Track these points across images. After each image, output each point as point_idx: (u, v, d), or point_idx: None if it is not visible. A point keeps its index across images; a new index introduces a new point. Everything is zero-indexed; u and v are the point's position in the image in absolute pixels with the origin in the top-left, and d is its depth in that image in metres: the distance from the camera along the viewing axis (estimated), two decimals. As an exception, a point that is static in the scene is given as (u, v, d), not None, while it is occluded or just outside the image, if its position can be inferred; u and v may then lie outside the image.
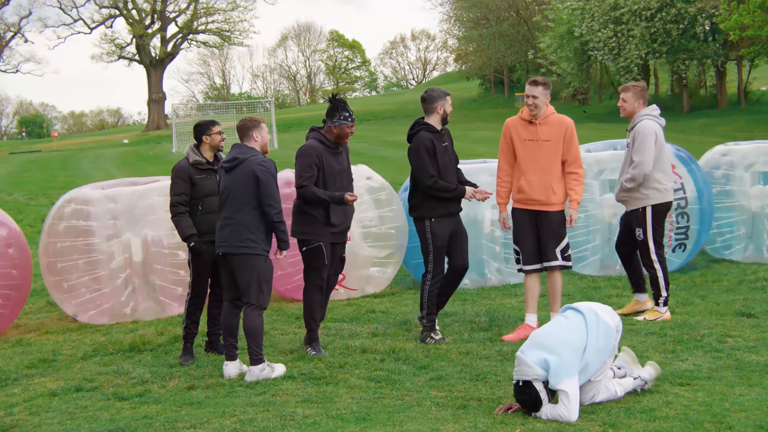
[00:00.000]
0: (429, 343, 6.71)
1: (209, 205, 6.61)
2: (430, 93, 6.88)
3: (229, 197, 6.08)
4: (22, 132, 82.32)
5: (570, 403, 4.79)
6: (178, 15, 61.79)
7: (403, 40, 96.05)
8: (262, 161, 6.06)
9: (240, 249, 6.01)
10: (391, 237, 8.89)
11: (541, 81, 6.87)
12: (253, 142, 6.22)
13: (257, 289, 6.04)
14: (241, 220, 6.01)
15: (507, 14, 53.95)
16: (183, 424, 5.00)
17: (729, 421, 4.64)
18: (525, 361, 4.92)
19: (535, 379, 4.87)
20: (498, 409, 5.05)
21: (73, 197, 8.23)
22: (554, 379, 4.85)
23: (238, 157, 6.08)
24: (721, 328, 6.82)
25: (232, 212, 6.05)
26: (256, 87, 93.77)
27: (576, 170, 6.87)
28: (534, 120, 6.83)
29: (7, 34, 62.20)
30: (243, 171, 6.03)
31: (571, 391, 4.81)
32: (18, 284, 7.86)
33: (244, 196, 6.01)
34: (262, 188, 5.98)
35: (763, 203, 9.52)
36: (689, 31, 36.00)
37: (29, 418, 5.37)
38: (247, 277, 6.02)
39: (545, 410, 4.86)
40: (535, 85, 6.83)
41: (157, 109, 59.88)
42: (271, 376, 5.98)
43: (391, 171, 18.00)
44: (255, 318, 6.02)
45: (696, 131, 31.66)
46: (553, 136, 6.81)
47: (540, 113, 6.83)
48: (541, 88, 6.81)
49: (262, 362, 6.01)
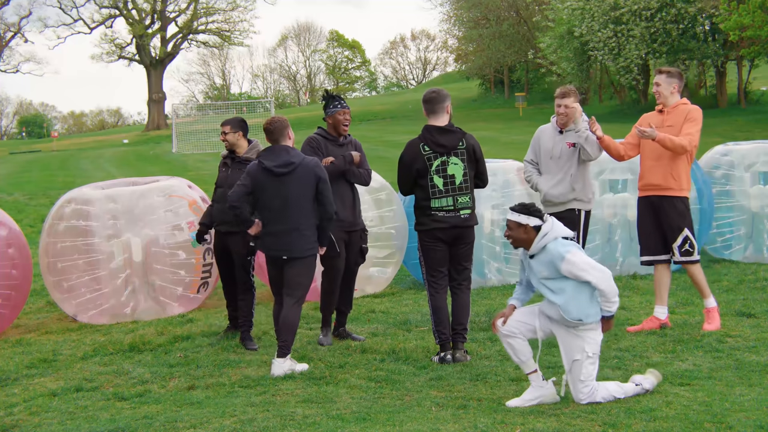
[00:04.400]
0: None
1: (218, 196, 7.07)
2: (438, 92, 6.35)
3: (292, 203, 6.09)
4: (22, 132, 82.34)
5: (594, 268, 5.05)
6: (178, 15, 61.85)
7: (403, 40, 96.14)
8: (317, 162, 6.24)
9: (305, 253, 6.19)
10: (391, 237, 8.89)
11: (665, 70, 6.97)
12: (289, 140, 6.33)
13: (305, 284, 6.27)
14: (307, 224, 6.16)
15: (507, 14, 53.96)
16: (183, 424, 4.99)
17: (729, 421, 4.64)
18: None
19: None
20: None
21: (73, 197, 8.23)
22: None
23: (294, 161, 6.11)
24: (721, 328, 6.82)
25: (299, 217, 6.12)
26: (256, 87, 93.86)
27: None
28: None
29: (7, 34, 62.29)
30: (303, 174, 6.10)
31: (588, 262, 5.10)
32: (18, 284, 7.86)
33: (307, 200, 6.14)
34: (324, 188, 6.15)
35: (763, 203, 9.51)
36: (689, 31, 36.00)
37: (29, 418, 5.37)
38: (302, 276, 6.23)
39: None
40: (659, 73, 6.97)
41: (157, 109, 59.91)
42: (296, 369, 6.14)
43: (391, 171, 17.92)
44: (296, 313, 6.22)
45: (696, 131, 31.63)
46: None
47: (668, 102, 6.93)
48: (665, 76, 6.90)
49: (287, 356, 6.16)
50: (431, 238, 6.28)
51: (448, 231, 6.25)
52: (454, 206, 6.23)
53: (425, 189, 6.25)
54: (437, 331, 6.27)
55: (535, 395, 5.21)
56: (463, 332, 6.31)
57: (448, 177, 6.23)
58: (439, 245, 6.27)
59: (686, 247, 6.88)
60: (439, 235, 6.25)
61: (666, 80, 6.87)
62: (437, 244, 6.27)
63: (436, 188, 6.22)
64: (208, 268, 8.27)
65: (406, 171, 6.34)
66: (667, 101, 6.90)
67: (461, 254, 6.35)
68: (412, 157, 6.28)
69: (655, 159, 6.86)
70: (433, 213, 6.23)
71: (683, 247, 6.87)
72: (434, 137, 6.27)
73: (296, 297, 6.21)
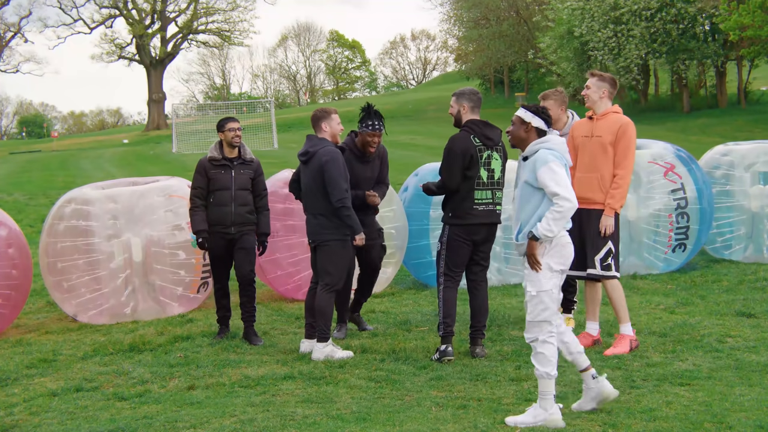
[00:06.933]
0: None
1: (220, 198, 7.07)
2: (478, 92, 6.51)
3: (308, 190, 6.57)
4: (22, 132, 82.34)
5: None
6: (178, 15, 61.80)
7: (403, 40, 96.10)
8: (326, 152, 6.44)
9: (322, 237, 6.50)
10: (391, 237, 8.88)
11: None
12: (323, 132, 6.64)
13: (331, 271, 6.49)
14: (322, 210, 6.47)
15: (507, 14, 53.96)
16: (183, 424, 5.00)
17: (729, 421, 4.64)
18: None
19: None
20: None
21: (73, 197, 8.23)
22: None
23: (309, 151, 6.54)
24: (721, 328, 6.82)
25: (312, 204, 6.54)
26: (256, 87, 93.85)
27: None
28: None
29: (7, 34, 62.23)
30: (314, 163, 6.48)
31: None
32: (18, 284, 7.86)
33: (319, 187, 6.45)
34: (325, 176, 6.38)
35: (763, 203, 9.52)
36: (689, 31, 36.01)
37: (29, 418, 5.37)
38: (326, 263, 6.50)
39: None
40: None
41: (157, 109, 59.88)
42: (335, 356, 6.32)
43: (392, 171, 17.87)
44: (326, 298, 6.48)
45: (696, 131, 31.69)
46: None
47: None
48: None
49: (327, 340, 6.35)
50: (464, 235, 6.31)
51: (481, 228, 6.32)
52: (492, 200, 6.32)
53: (471, 180, 6.27)
54: (443, 322, 6.31)
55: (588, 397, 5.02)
56: (483, 329, 6.46)
57: (490, 171, 6.31)
58: (467, 243, 6.33)
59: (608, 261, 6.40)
60: (473, 231, 6.30)
61: (596, 83, 6.45)
62: (466, 242, 6.32)
63: (481, 180, 6.28)
64: (208, 268, 8.26)
65: (458, 161, 6.28)
66: (595, 106, 6.46)
67: (484, 251, 6.46)
68: (464, 148, 6.27)
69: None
70: (474, 207, 6.27)
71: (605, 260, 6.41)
72: (483, 130, 6.33)
73: (324, 283, 6.51)
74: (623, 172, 6.33)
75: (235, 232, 7.07)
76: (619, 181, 6.33)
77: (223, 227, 7.06)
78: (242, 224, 7.09)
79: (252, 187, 7.18)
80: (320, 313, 6.46)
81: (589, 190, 6.39)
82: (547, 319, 4.84)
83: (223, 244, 7.10)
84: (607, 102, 6.49)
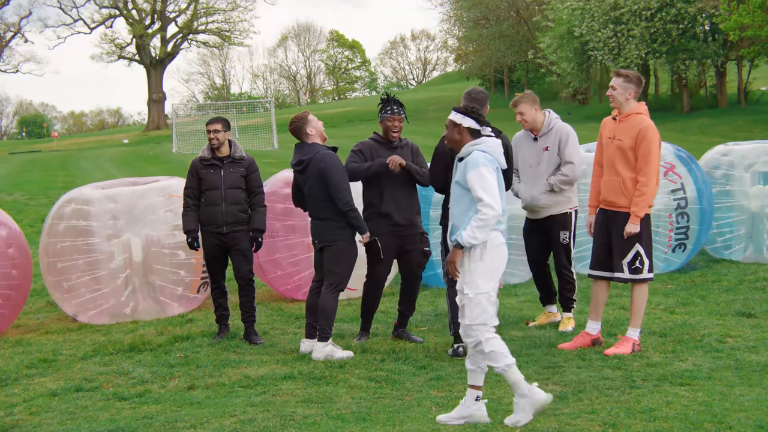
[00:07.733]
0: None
1: (211, 198, 7.05)
2: (485, 92, 6.58)
3: (311, 198, 6.60)
4: (22, 132, 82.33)
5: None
6: (178, 15, 61.85)
7: (403, 40, 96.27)
8: (322, 158, 6.47)
9: (329, 237, 6.55)
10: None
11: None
12: (310, 136, 6.63)
13: (337, 271, 6.54)
14: (326, 214, 6.53)
15: (507, 14, 54.01)
16: (183, 424, 5.00)
17: (729, 421, 4.64)
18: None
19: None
20: None
21: (73, 197, 8.23)
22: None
23: (303, 159, 6.56)
24: (721, 328, 6.82)
25: (317, 209, 6.59)
26: (256, 87, 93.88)
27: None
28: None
29: (7, 34, 62.26)
30: (311, 171, 6.51)
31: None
32: (18, 284, 7.86)
33: (321, 193, 6.50)
34: (328, 183, 6.44)
35: (763, 203, 9.52)
36: (689, 31, 36.04)
37: (29, 418, 5.37)
38: (331, 263, 6.56)
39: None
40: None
41: (157, 109, 59.91)
42: (335, 356, 6.34)
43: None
44: (330, 298, 6.52)
45: (696, 131, 31.70)
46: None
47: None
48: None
49: (327, 340, 6.45)
50: None
51: None
52: None
53: None
54: (453, 323, 6.36)
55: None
56: None
57: None
58: None
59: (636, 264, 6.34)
60: None
61: (623, 84, 6.29)
62: None
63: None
64: (208, 268, 8.28)
65: (441, 160, 6.37)
66: (621, 107, 6.32)
67: None
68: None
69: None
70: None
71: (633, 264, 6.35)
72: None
73: (329, 283, 6.56)
74: (645, 178, 6.20)
75: (227, 231, 7.05)
76: (642, 188, 6.21)
77: (215, 227, 7.05)
78: (234, 223, 7.06)
79: (246, 184, 7.14)
80: (323, 312, 6.48)
81: (613, 193, 6.34)
82: (484, 322, 4.83)
83: (216, 243, 7.09)
84: (633, 102, 6.33)
